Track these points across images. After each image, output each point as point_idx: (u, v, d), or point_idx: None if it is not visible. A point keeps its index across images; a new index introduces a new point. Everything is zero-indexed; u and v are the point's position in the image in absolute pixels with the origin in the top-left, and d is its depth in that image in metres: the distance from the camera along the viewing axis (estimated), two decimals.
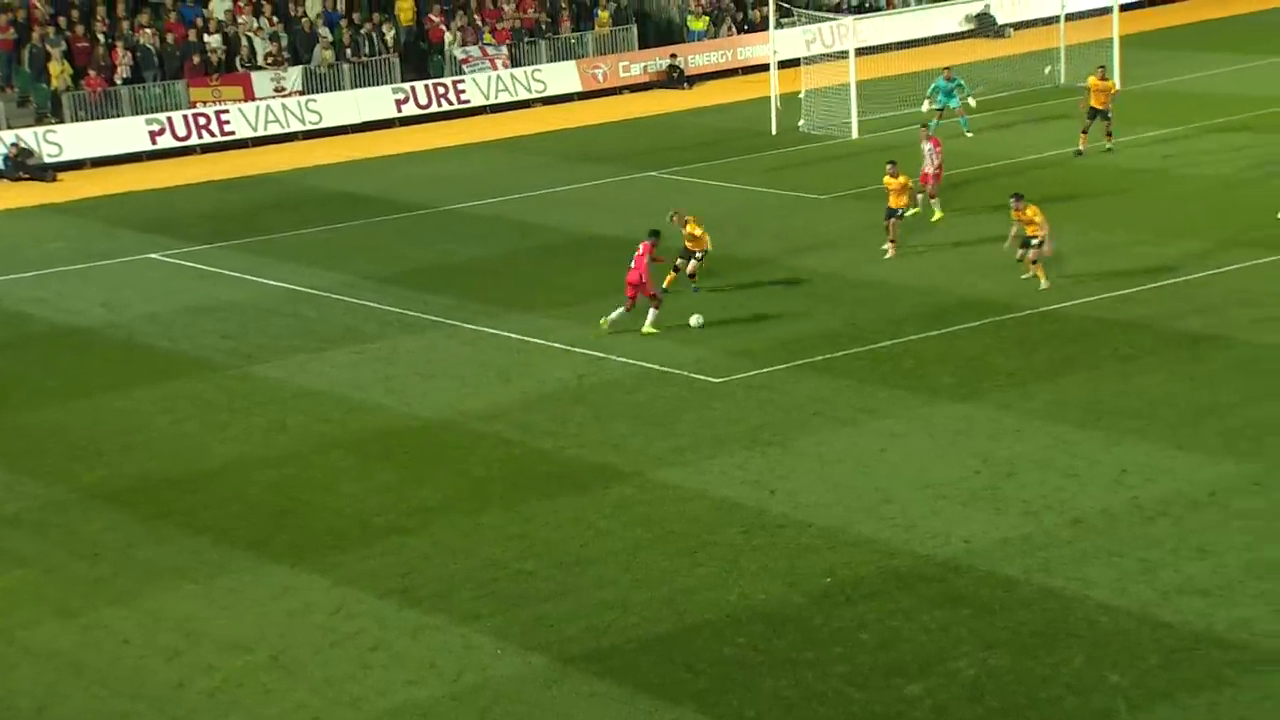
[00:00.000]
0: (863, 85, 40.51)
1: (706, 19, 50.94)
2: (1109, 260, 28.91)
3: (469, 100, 46.45)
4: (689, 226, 27.69)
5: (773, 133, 41.02)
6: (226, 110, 43.73)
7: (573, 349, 25.83)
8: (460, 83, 46.52)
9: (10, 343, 28.29)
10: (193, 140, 43.28)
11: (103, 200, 38.78)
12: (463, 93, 46.45)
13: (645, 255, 25.97)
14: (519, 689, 16.00)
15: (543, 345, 26.15)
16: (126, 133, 42.88)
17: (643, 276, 25.93)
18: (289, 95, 44.80)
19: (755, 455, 21.28)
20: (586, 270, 30.48)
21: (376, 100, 45.53)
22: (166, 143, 43.01)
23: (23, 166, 41.13)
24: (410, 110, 45.74)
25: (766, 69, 42.90)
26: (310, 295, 29.82)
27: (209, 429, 23.46)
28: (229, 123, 43.65)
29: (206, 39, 45.18)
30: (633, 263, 25.95)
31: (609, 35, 49.66)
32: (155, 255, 33.45)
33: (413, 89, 45.91)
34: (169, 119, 43.12)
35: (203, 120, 43.46)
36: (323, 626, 17.42)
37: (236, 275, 31.44)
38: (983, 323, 25.88)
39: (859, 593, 17.46)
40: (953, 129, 38.58)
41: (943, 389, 23.22)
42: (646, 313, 26.11)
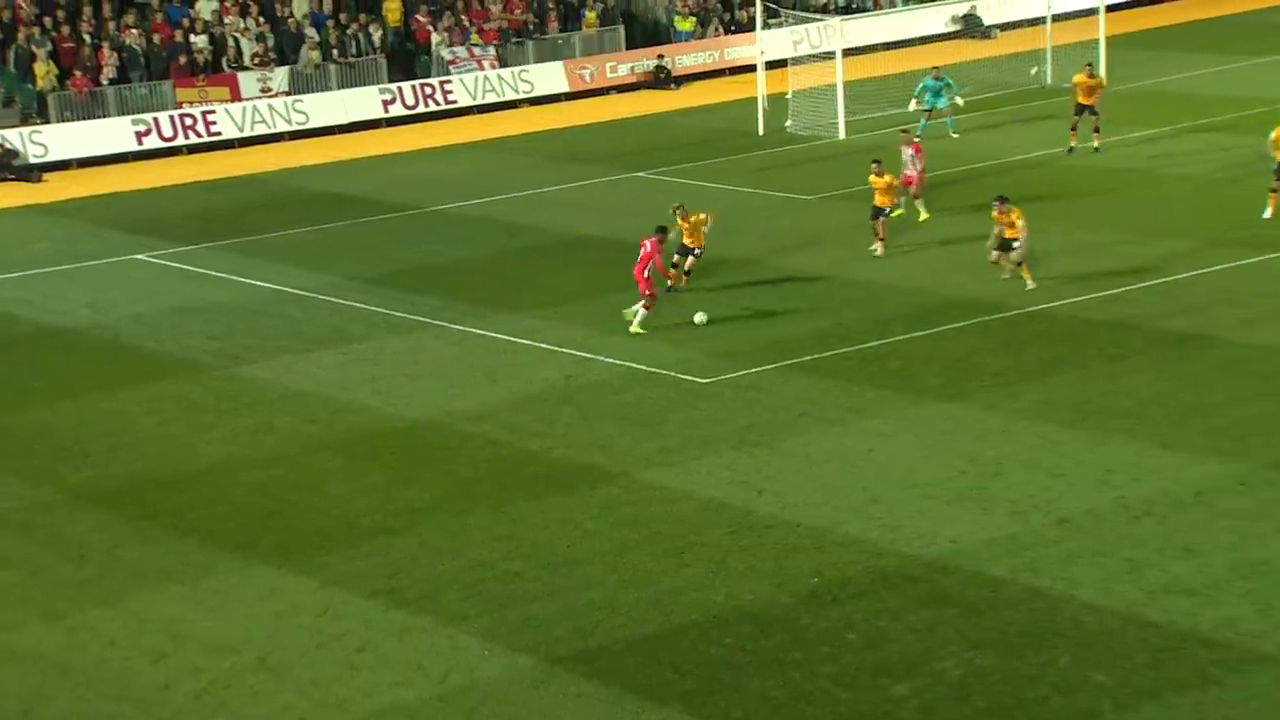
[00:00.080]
0: (850, 86, 40.55)
1: (693, 20, 50.95)
2: (1095, 260, 28.97)
3: (456, 101, 46.41)
4: (690, 220, 27.73)
5: (760, 133, 41.04)
6: (213, 111, 43.65)
7: (560, 349, 25.83)
8: (447, 83, 46.48)
9: None
10: (179, 141, 43.20)
11: (88, 201, 38.70)
12: (450, 93, 46.41)
13: (652, 252, 26.06)
14: (506, 690, 15.99)
15: (530, 346, 26.14)
16: (112, 133, 42.79)
17: (645, 272, 25.97)
18: (275, 96, 44.74)
19: (743, 455, 21.30)
20: (573, 271, 30.48)
21: (363, 101, 45.48)
22: (153, 143, 42.91)
23: (8, 167, 41.02)
24: (397, 111, 45.69)
25: (753, 69, 42.93)
26: (297, 296, 29.78)
27: (195, 430, 23.42)
28: (215, 123, 43.58)
29: (193, 39, 45.11)
30: (639, 258, 26.07)
31: (596, 36, 49.65)
32: (141, 256, 33.39)
33: (399, 89, 45.87)
34: (155, 119, 43.03)
35: (189, 121, 43.38)
36: (310, 628, 17.40)
37: (223, 276, 31.39)
38: (970, 323, 25.92)
39: (846, 593, 17.47)
40: (939, 130, 38.65)
41: (930, 389, 23.25)
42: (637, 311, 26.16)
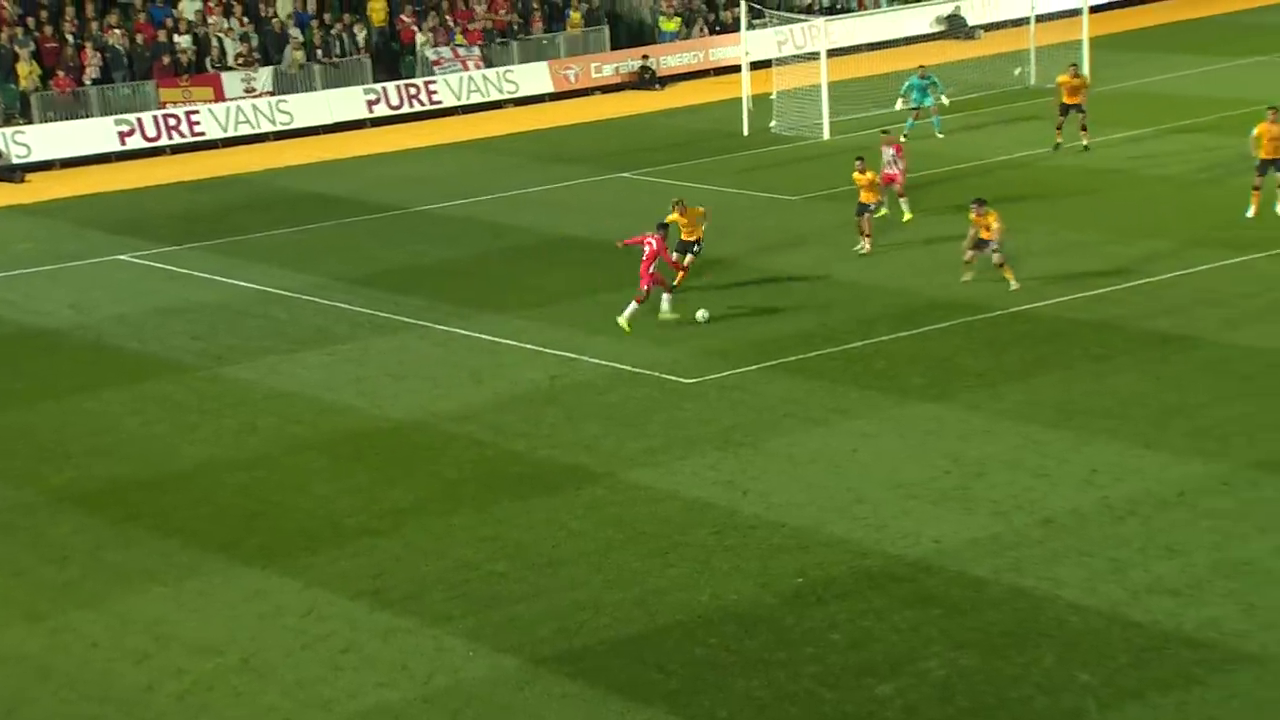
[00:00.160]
0: (834, 86, 40.59)
1: (678, 20, 50.95)
2: (1079, 261, 29.03)
3: (440, 101, 46.36)
4: (689, 214, 27.75)
5: (744, 134, 41.06)
6: (196, 111, 43.55)
7: (544, 350, 25.82)
8: (432, 83, 46.44)
9: None
10: (162, 141, 43.10)
11: (72, 201, 38.59)
12: (434, 93, 46.37)
13: (659, 249, 26.22)
14: (491, 691, 15.98)
15: (515, 346, 26.13)
16: (96, 133, 42.68)
17: (651, 269, 26.17)
18: (259, 96, 44.65)
19: (727, 456, 21.30)
20: (558, 271, 30.47)
21: (348, 101, 45.41)
22: (136, 143, 42.80)
23: None
24: (382, 111, 45.62)
25: (738, 70, 42.94)
26: (281, 296, 29.73)
27: (179, 431, 23.37)
28: (199, 123, 43.48)
29: (176, 39, 45.00)
30: (644, 256, 26.22)
31: (581, 36, 49.63)
32: (125, 256, 33.31)
33: (384, 90, 45.80)
34: (138, 120, 42.92)
35: (172, 121, 43.27)
36: (294, 629, 17.37)
37: (207, 276, 31.32)
38: (954, 323, 25.95)
39: (830, 593, 17.49)
40: (924, 130, 38.71)
41: (914, 389, 23.28)
42: (660, 300, 26.35)
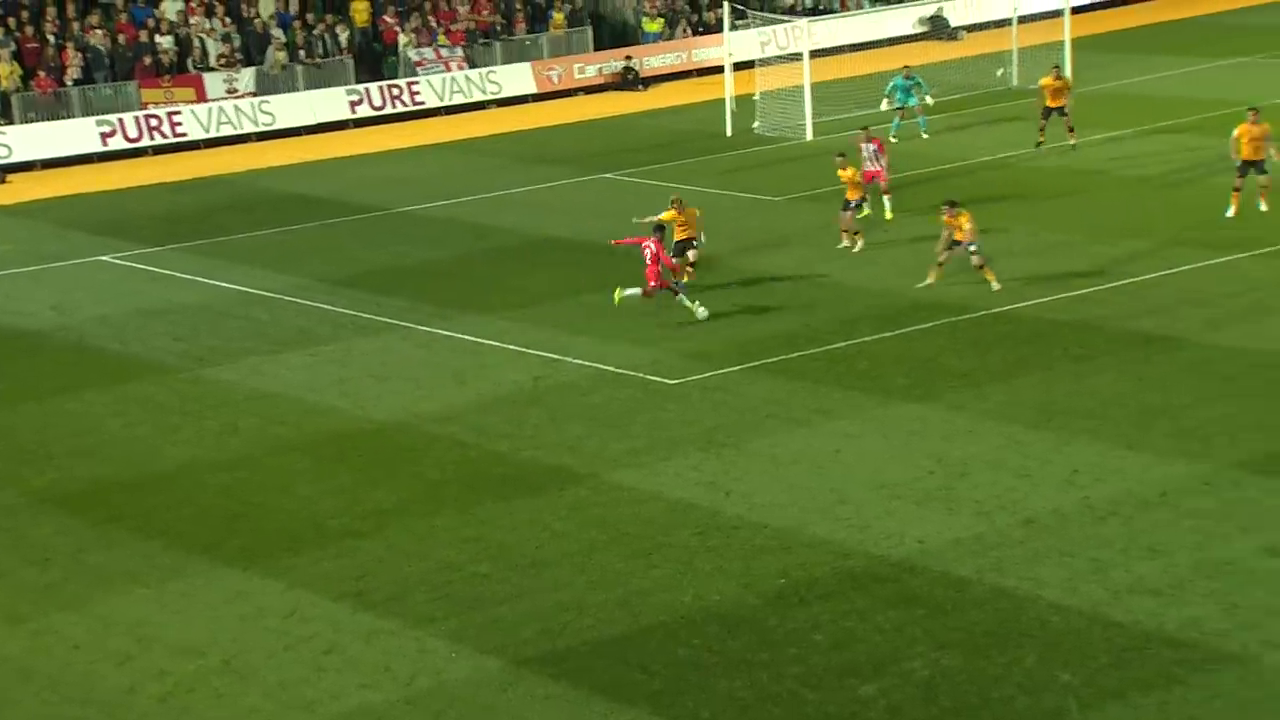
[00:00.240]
0: (817, 87, 40.64)
1: (661, 21, 50.97)
2: (1061, 261, 29.09)
3: (423, 102, 46.32)
4: (685, 213, 27.82)
5: (728, 134, 41.09)
6: (178, 111, 43.46)
7: (528, 351, 25.81)
8: (415, 84, 46.39)
9: None
10: (144, 142, 43.00)
11: (53, 202, 38.48)
12: (417, 94, 46.33)
13: (659, 251, 26.42)
14: (474, 692, 15.96)
15: (497, 347, 26.12)
16: (77, 134, 42.56)
17: (656, 271, 26.41)
18: (242, 97, 44.57)
19: (710, 457, 21.31)
20: (541, 272, 30.46)
21: (330, 102, 45.35)
22: (118, 144, 42.71)
23: None
24: (364, 112, 45.57)
25: (721, 71, 42.98)
26: (263, 297, 29.68)
27: (161, 432, 23.32)
28: (181, 124, 43.39)
29: (158, 40, 44.89)
30: (647, 259, 26.34)
31: (564, 37, 49.62)
32: (106, 257, 33.22)
33: (367, 91, 45.75)
34: (120, 120, 42.82)
35: (154, 122, 43.17)
36: (276, 630, 17.34)
37: (189, 277, 31.26)
38: (937, 324, 25.99)
39: (813, 594, 17.50)
40: (910, 130, 38.77)
41: (897, 390, 23.31)
42: (675, 297, 26.57)
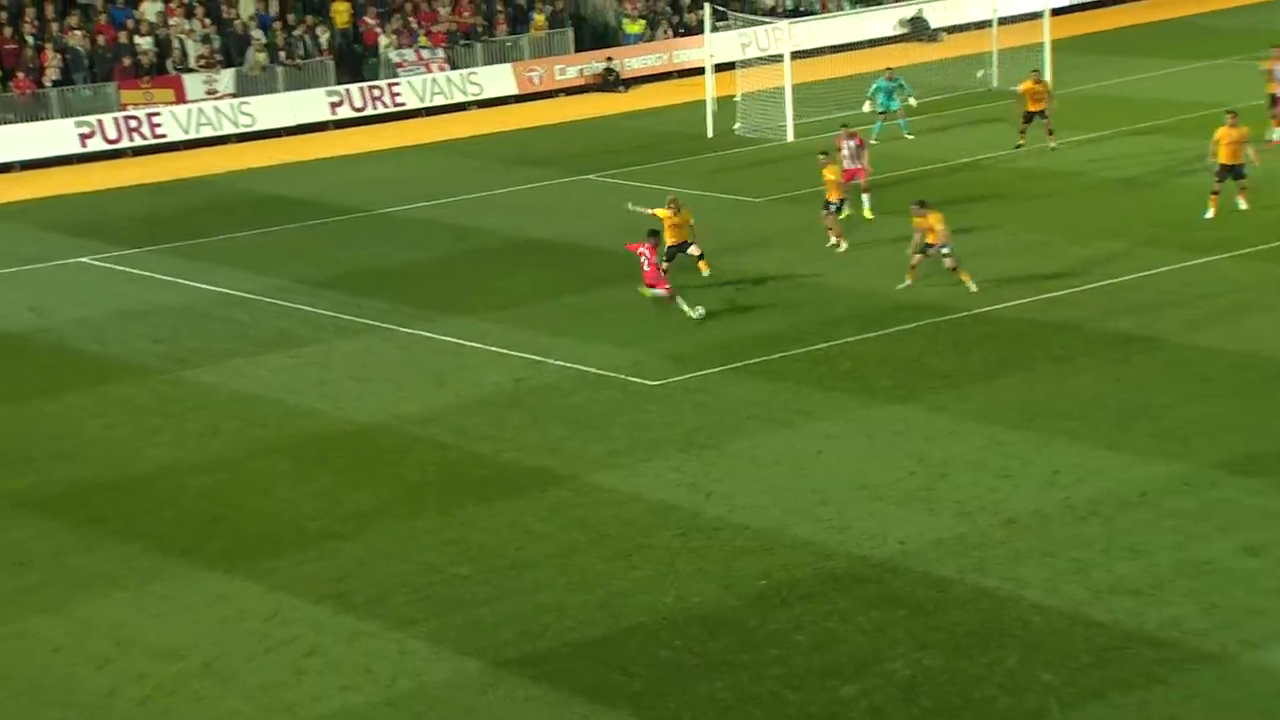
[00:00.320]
0: (798, 88, 40.67)
1: (642, 22, 50.96)
2: (1041, 262, 29.16)
3: (404, 103, 46.25)
4: (680, 215, 27.83)
5: (709, 136, 41.11)
6: (158, 113, 43.32)
7: (509, 352, 25.78)
8: (395, 85, 46.32)
9: None
10: (124, 143, 42.85)
11: (32, 204, 38.33)
12: (397, 95, 46.25)
13: (652, 255, 26.47)
14: (454, 694, 15.94)
15: (478, 349, 26.09)
16: (56, 135, 42.40)
17: (657, 274, 26.53)
18: (221, 98, 44.44)
19: (691, 458, 21.31)
20: (523, 273, 30.44)
21: (310, 103, 45.24)
22: (97, 145, 42.56)
23: None
24: (345, 113, 45.48)
25: (702, 72, 42.99)
26: (244, 299, 29.61)
27: (141, 434, 23.24)
28: (160, 125, 43.25)
29: (137, 41, 44.73)
30: (645, 265, 26.42)
31: (545, 38, 49.59)
32: (86, 259, 33.11)
33: (347, 92, 45.66)
34: (99, 121, 42.67)
35: (134, 123, 43.03)
36: (257, 633, 17.29)
37: (168, 279, 31.17)
38: (919, 325, 26.03)
39: (795, 594, 17.51)
40: (892, 132, 38.83)
41: (879, 391, 23.34)
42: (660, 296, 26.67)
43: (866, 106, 39.03)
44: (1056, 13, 45.96)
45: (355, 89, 45.78)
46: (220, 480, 21.47)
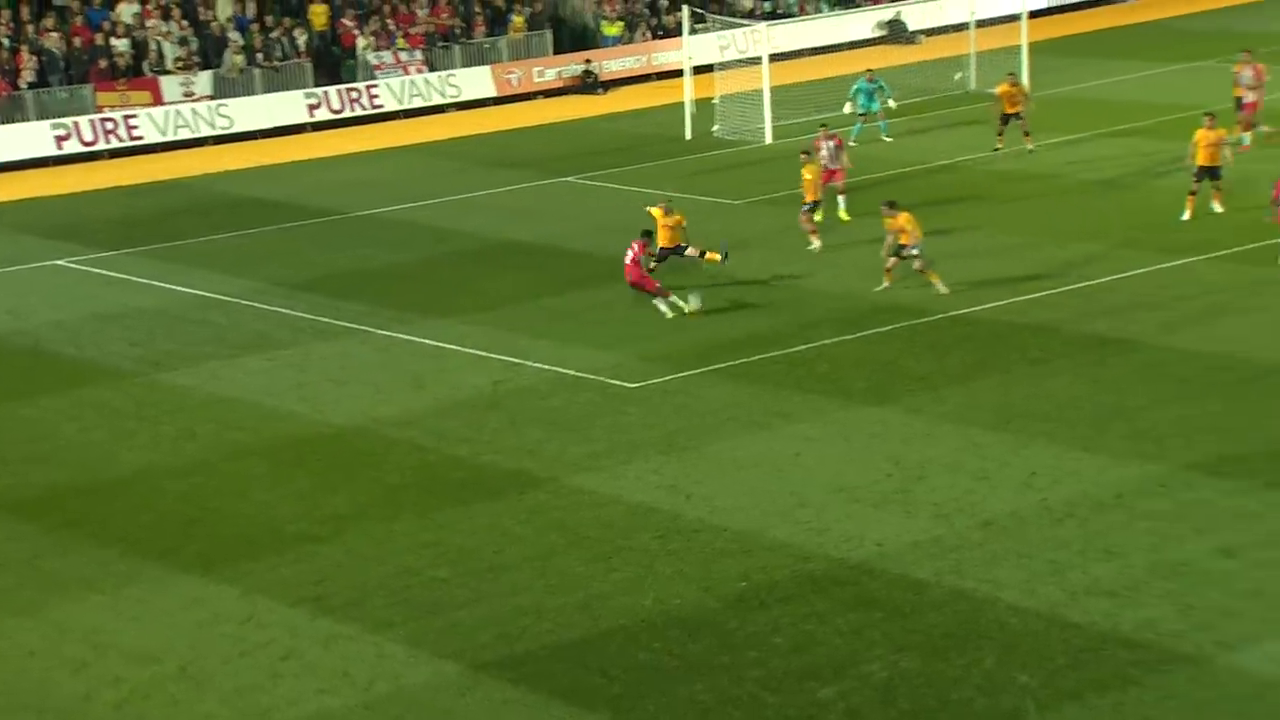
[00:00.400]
0: (776, 91, 40.71)
1: (621, 24, 50.97)
2: (1018, 264, 29.23)
3: (382, 105, 46.18)
4: (672, 218, 27.95)
5: (687, 138, 41.14)
6: (135, 115, 43.17)
7: (488, 355, 25.76)
8: (373, 87, 46.24)
9: None
10: (100, 145, 42.71)
11: (7, 206, 38.19)
12: (376, 97, 46.17)
13: (639, 253, 26.50)
14: (432, 697, 15.92)
15: (457, 351, 26.06)
16: (31, 138, 42.23)
17: (642, 275, 26.50)
18: (199, 100, 44.33)
19: (670, 460, 21.31)
20: (502, 276, 30.42)
21: (288, 105, 45.15)
22: (73, 148, 42.40)
23: None
24: (323, 115, 45.40)
25: (681, 74, 42.99)
26: (221, 301, 29.53)
27: (117, 437, 23.16)
28: (137, 128, 43.12)
29: (114, 43, 44.59)
30: (628, 259, 26.53)
31: (523, 40, 49.57)
32: (62, 262, 32.98)
33: (325, 94, 45.57)
34: (75, 124, 42.51)
35: (110, 125, 42.89)
36: (233, 636, 17.25)
37: (145, 282, 31.07)
38: (896, 327, 26.07)
39: (773, 597, 17.52)
40: (871, 133, 38.88)
41: (856, 393, 23.38)
42: (658, 307, 26.66)
43: (847, 108, 39.08)
44: (1034, 15, 46.13)
45: (333, 91, 45.70)
46: (196, 483, 21.41)
